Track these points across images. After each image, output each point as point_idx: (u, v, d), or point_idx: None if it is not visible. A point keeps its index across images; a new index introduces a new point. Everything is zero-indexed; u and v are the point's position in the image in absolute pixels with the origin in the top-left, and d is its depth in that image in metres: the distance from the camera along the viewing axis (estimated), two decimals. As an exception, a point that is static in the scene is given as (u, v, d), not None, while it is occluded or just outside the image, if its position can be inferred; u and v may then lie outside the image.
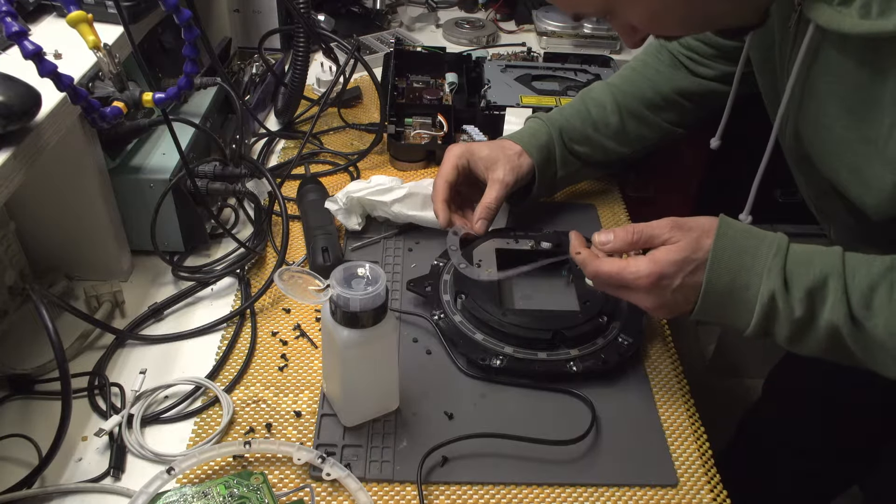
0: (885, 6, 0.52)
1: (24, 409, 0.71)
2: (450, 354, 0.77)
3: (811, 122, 0.66)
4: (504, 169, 0.87)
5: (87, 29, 0.63)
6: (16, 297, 0.80)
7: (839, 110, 0.61)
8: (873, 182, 0.60)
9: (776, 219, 1.71)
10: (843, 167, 0.64)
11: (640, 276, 0.65)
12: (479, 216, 0.86)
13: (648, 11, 0.60)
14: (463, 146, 0.89)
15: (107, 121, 0.71)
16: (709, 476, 0.68)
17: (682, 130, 0.95)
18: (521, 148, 0.89)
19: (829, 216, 0.79)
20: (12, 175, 0.60)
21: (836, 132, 0.63)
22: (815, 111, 0.65)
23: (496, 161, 0.87)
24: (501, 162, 0.87)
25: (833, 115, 0.62)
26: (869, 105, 0.58)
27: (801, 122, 0.68)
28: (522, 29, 1.56)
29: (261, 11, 1.29)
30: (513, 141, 0.90)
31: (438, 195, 0.87)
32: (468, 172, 0.89)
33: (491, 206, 0.86)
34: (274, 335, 0.80)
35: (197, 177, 0.84)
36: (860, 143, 0.60)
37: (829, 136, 0.64)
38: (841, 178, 0.65)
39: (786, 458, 1.13)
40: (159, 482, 0.60)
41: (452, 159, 0.88)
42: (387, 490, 0.65)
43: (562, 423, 0.70)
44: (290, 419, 0.71)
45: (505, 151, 0.88)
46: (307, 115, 1.18)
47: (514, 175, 0.87)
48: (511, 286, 0.85)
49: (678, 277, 0.65)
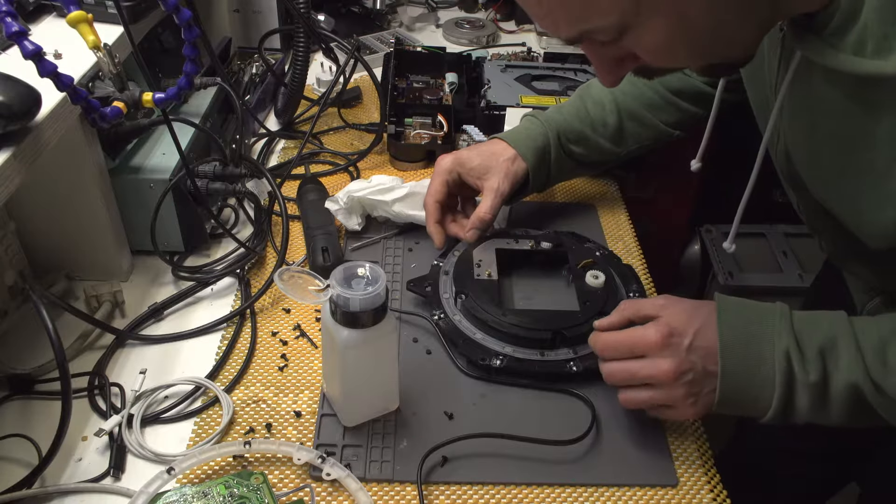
0: (881, 44, 0.48)
1: (24, 409, 0.71)
2: (450, 354, 0.77)
3: (800, 144, 0.64)
4: (498, 177, 0.85)
5: (87, 29, 0.63)
6: (16, 297, 0.80)
7: (827, 138, 0.59)
8: (870, 214, 0.58)
9: (775, 219, 1.71)
10: (835, 193, 0.62)
11: (649, 334, 0.63)
12: (472, 226, 0.85)
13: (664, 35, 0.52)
14: (452, 158, 0.87)
15: (107, 121, 0.71)
16: (709, 476, 0.68)
17: (678, 133, 0.94)
18: (516, 152, 0.88)
19: (820, 232, 0.79)
20: (12, 175, 0.60)
21: (825, 158, 0.61)
22: (802, 135, 0.63)
23: (489, 170, 0.86)
24: (495, 170, 0.86)
25: (821, 142, 0.60)
26: (860, 138, 0.55)
27: (791, 143, 0.66)
28: (522, 29, 1.56)
29: (261, 11, 1.29)
30: (506, 143, 0.89)
31: (430, 216, 0.86)
32: (460, 184, 0.88)
33: (485, 219, 0.85)
34: (274, 335, 0.80)
35: (197, 177, 0.84)
36: (853, 174, 0.58)
37: (818, 162, 0.62)
38: (832, 204, 0.63)
39: (785, 459, 1.13)
40: (159, 482, 0.60)
41: (441, 175, 0.86)
42: (387, 490, 0.65)
43: (562, 423, 0.70)
44: (290, 419, 0.71)
45: (498, 159, 0.87)
46: (307, 115, 1.18)
47: (508, 183, 0.86)
48: (511, 286, 0.85)
49: (688, 334, 0.62)
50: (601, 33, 0.53)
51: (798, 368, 0.59)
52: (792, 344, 0.60)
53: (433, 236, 0.86)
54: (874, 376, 0.57)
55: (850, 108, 0.54)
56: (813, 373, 0.59)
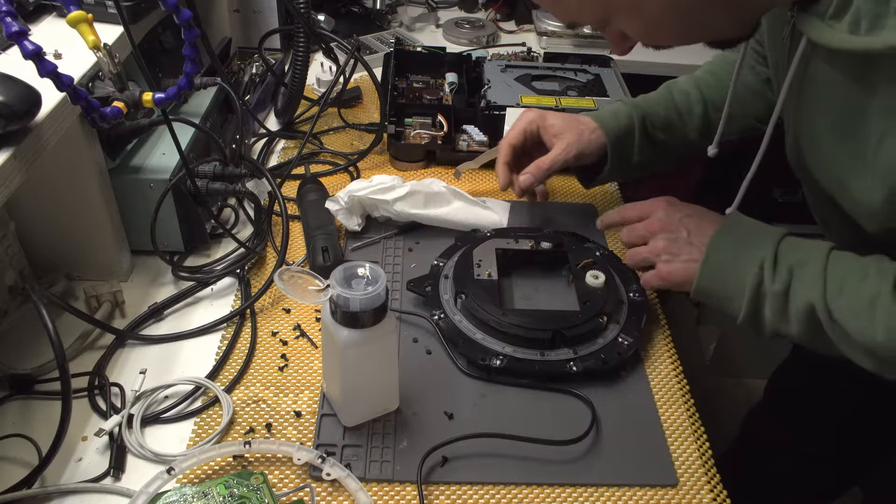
0: (874, 22, 0.52)
1: (24, 409, 0.71)
2: (450, 354, 0.77)
3: (805, 133, 0.67)
4: (570, 138, 0.87)
5: (87, 29, 0.63)
6: (16, 297, 0.80)
7: (827, 123, 0.62)
8: (861, 196, 0.61)
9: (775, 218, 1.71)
10: (833, 180, 0.65)
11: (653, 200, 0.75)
12: (527, 170, 0.88)
13: (644, 24, 0.61)
14: (536, 112, 0.90)
15: (107, 121, 0.71)
16: (709, 476, 0.68)
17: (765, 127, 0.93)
18: (597, 125, 0.89)
19: (827, 223, 0.80)
20: (12, 175, 0.60)
21: (825, 145, 0.63)
22: (807, 122, 0.65)
23: (565, 131, 0.88)
24: (570, 132, 0.88)
25: (822, 128, 0.63)
26: (856, 119, 0.58)
27: (798, 131, 0.68)
28: (522, 29, 1.56)
29: (261, 11, 1.29)
30: (590, 118, 0.90)
31: (501, 156, 0.89)
32: (536, 139, 0.90)
33: (542, 167, 0.87)
34: (274, 335, 0.80)
35: (197, 177, 0.84)
36: (847, 158, 0.61)
37: (819, 148, 0.65)
38: (833, 187, 0.66)
39: (786, 459, 1.13)
40: (159, 482, 0.60)
41: (522, 123, 0.89)
42: (387, 490, 0.65)
43: (562, 423, 0.70)
44: (290, 419, 0.71)
45: (578, 125, 0.89)
46: (307, 115, 1.18)
47: (578, 147, 0.87)
48: (511, 286, 0.85)
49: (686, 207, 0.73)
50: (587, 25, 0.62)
51: (767, 276, 0.65)
52: (769, 256, 0.65)
53: (499, 176, 0.90)
54: (829, 300, 0.61)
55: (848, 88, 0.58)
56: (778, 283, 0.64)
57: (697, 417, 0.74)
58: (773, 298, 0.65)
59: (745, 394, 1.76)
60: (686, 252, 0.72)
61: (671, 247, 0.72)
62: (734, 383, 1.82)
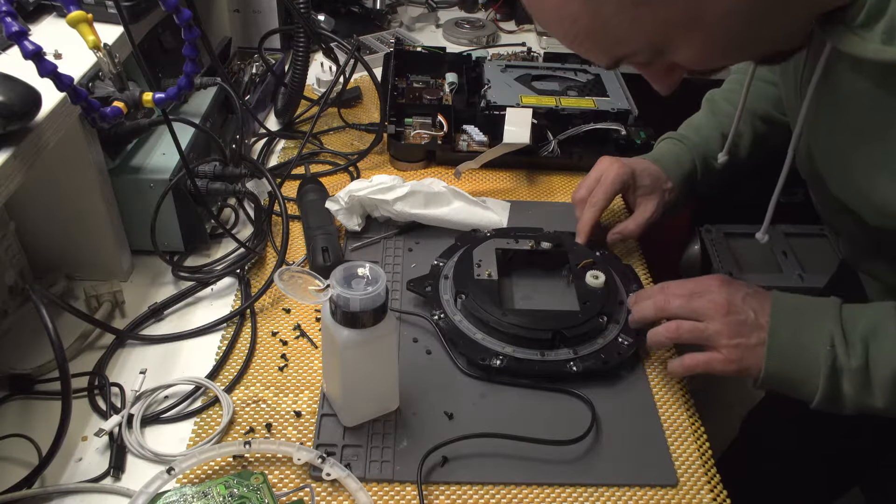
0: None
1: (24, 409, 0.71)
2: (450, 354, 0.77)
3: (821, 140, 0.65)
4: (654, 204, 0.89)
5: (87, 29, 0.63)
6: (16, 297, 0.80)
7: (848, 131, 0.60)
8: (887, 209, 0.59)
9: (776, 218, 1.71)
10: (851, 187, 0.63)
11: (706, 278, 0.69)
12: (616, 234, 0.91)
13: (703, 41, 0.53)
14: (627, 170, 0.89)
15: (107, 121, 0.71)
16: (709, 476, 0.68)
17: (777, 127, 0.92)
18: (673, 184, 0.90)
19: (839, 230, 0.79)
20: (12, 175, 0.60)
21: (848, 152, 0.61)
22: (825, 130, 0.64)
23: (652, 194, 0.90)
24: (655, 196, 0.90)
25: (846, 135, 0.61)
26: (885, 127, 0.56)
27: (813, 141, 0.67)
28: (522, 29, 1.56)
29: (261, 11, 1.29)
30: (661, 169, 0.91)
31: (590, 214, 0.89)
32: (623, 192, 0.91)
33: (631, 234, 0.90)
34: (274, 335, 0.80)
35: (197, 177, 0.84)
36: (870, 166, 0.59)
37: (841, 156, 0.63)
38: (854, 198, 0.64)
39: (786, 459, 1.13)
40: (159, 482, 0.60)
41: (614, 185, 0.88)
42: (387, 490, 0.65)
43: (562, 423, 0.70)
44: (290, 419, 0.71)
45: (661, 185, 0.90)
46: (307, 115, 1.18)
47: (661, 211, 0.90)
48: (511, 286, 0.85)
49: (745, 285, 0.68)
50: (638, 56, 0.55)
51: (841, 352, 0.61)
52: (837, 330, 0.62)
53: (581, 235, 0.90)
54: None
55: (876, 98, 0.56)
56: (854, 358, 0.61)
57: (697, 417, 0.74)
58: (853, 374, 0.61)
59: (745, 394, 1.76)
60: (756, 335, 0.66)
61: (739, 329, 0.67)
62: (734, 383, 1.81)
